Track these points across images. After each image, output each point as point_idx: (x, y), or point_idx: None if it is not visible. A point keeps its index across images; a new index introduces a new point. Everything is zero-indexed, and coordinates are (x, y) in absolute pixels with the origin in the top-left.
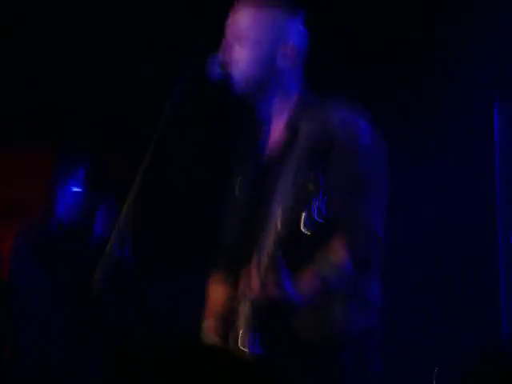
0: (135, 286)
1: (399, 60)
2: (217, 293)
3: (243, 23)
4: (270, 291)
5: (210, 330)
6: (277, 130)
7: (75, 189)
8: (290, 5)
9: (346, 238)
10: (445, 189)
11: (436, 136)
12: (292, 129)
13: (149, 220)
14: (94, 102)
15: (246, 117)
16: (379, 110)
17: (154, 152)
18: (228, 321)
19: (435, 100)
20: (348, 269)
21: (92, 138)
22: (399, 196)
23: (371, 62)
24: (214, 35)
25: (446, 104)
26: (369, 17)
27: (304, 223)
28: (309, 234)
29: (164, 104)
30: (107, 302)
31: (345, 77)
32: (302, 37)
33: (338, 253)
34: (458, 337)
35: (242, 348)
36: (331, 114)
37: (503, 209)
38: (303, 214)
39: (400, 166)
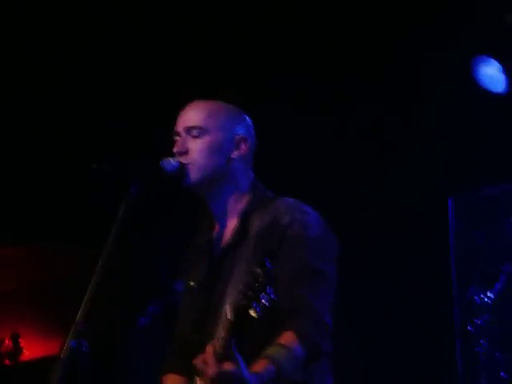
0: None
1: (356, 156)
2: (171, 382)
3: (195, 114)
4: (226, 376)
5: None
6: (229, 223)
7: None
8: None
9: (295, 326)
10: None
11: (392, 230)
12: (244, 224)
13: (105, 313)
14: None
15: (200, 210)
16: (331, 208)
17: (110, 249)
18: None
19: (390, 194)
20: (300, 354)
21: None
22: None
23: (323, 158)
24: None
25: (400, 197)
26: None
27: (254, 310)
28: (258, 320)
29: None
30: None
31: (294, 173)
32: (251, 130)
33: (289, 341)
34: None
35: None
36: (281, 205)
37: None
38: (252, 301)
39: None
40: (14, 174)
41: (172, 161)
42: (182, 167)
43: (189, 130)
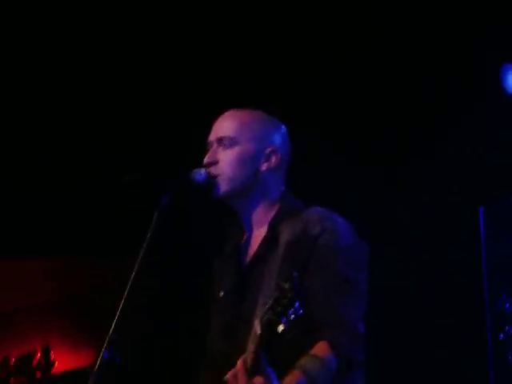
0: None
1: (384, 166)
2: None
3: (227, 125)
4: None
5: None
6: (258, 234)
7: None
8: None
9: (329, 338)
10: (431, 290)
11: (422, 239)
12: (273, 233)
13: (138, 326)
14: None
15: (229, 220)
16: (362, 216)
17: (143, 261)
18: None
19: (422, 202)
20: (333, 367)
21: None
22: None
23: (357, 168)
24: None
25: (432, 206)
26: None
27: (282, 322)
28: (288, 334)
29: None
30: None
31: (326, 183)
32: (285, 142)
33: (322, 351)
34: None
35: None
36: (311, 214)
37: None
38: (281, 316)
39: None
40: (52, 186)
41: (202, 172)
42: (211, 178)
43: (220, 140)
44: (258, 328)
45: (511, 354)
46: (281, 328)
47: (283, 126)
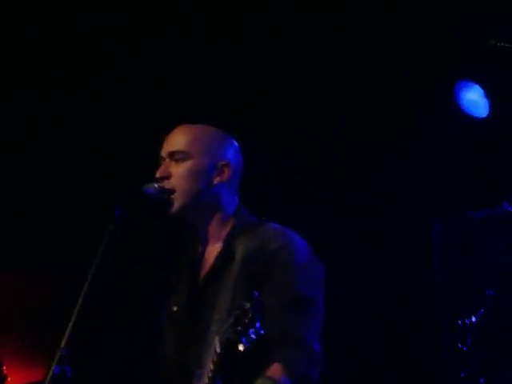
0: None
1: (340, 179)
2: None
3: (179, 139)
4: None
5: None
6: (213, 249)
7: None
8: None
9: (284, 359)
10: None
11: (376, 251)
12: (229, 249)
13: (89, 339)
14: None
15: (183, 234)
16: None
17: (94, 274)
18: None
19: (376, 214)
20: None
21: None
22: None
23: (311, 183)
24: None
25: (388, 219)
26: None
27: (242, 342)
28: (247, 353)
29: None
30: None
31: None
32: (237, 155)
33: (277, 373)
34: None
35: None
36: (268, 230)
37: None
38: (242, 336)
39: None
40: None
41: (154, 185)
42: (164, 192)
43: (172, 154)
44: (217, 347)
45: (462, 372)
46: (241, 347)
47: (234, 141)
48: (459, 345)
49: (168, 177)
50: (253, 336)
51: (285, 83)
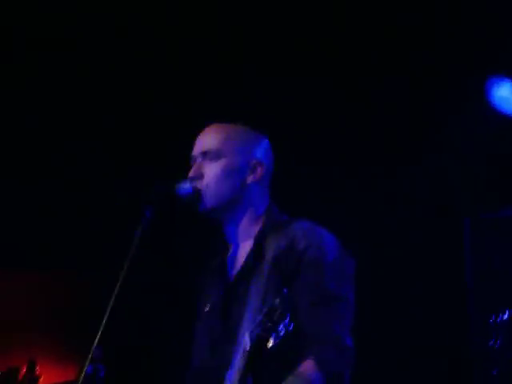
0: None
1: (371, 179)
2: None
3: (211, 138)
4: None
5: None
6: (244, 248)
7: None
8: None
9: (316, 354)
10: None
11: (409, 252)
12: (259, 248)
13: (122, 339)
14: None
15: (214, 235)
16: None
17: (126, 274)
18: None
19: (407, 212)
20: (318, 383)
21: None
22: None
23: (343, 182)
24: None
25: (419, 218)
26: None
27: (272, 340)
28: (277, 350)
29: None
30: None
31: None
32: (268, 154)
33: (308, 369)
34: None
35: None
36: (297, 228)
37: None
38: (271, 332)
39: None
40: (30, 202)
41: (186, 185)
42: (196, 192)
43: (204, 154)
44: (247, 344)
45: (494, 370)
46: (270, 344)
47: (266, 139)
48: (491, 342)
49: (201, 176)
50: (282, 332)
51: (320, 83)
